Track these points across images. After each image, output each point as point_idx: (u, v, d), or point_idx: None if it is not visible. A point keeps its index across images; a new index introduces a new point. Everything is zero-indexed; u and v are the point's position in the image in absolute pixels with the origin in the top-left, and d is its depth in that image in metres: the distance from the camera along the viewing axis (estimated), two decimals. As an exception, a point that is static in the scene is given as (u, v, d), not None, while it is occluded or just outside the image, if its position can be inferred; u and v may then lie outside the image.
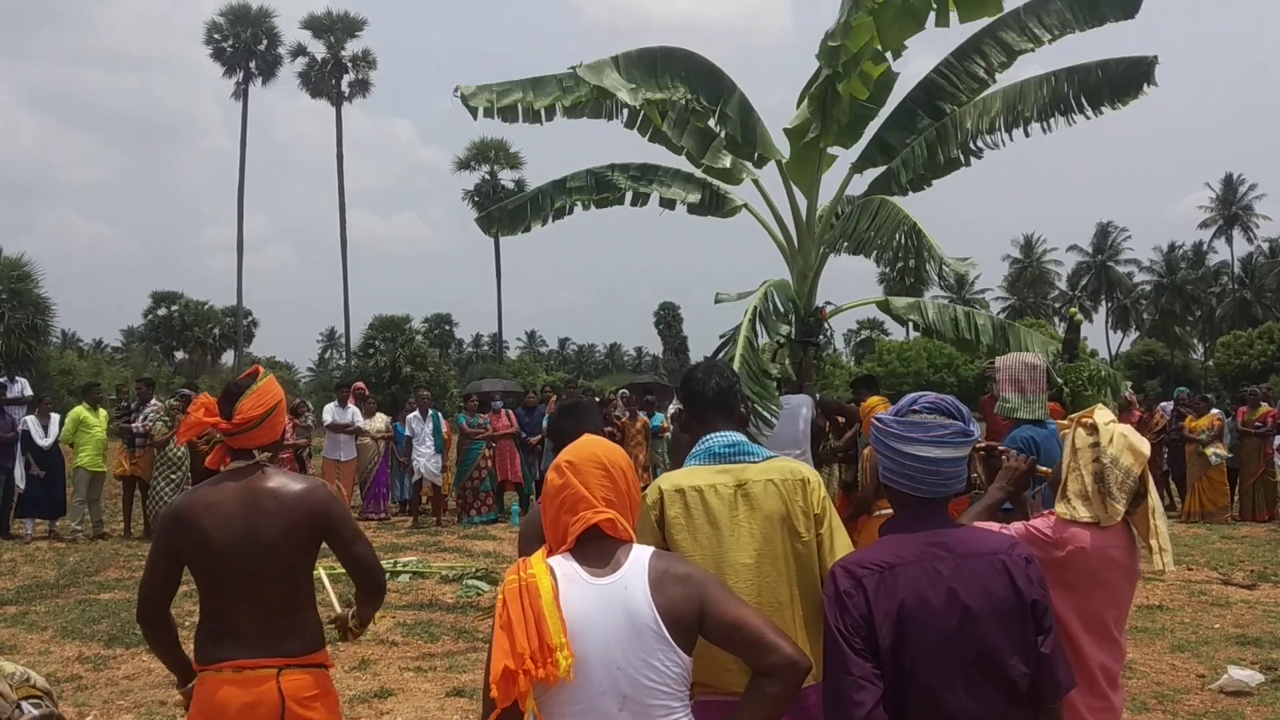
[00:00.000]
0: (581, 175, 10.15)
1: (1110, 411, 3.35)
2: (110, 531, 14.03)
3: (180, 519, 3.22)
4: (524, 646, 2.28)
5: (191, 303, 64.73)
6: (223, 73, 58.24)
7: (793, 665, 2.34)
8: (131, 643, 7.89)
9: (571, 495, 2.49)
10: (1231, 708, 6.32)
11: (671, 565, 2.48)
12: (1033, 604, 2.55)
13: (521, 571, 2.41)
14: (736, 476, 3.14)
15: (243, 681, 3.13)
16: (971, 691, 2.47)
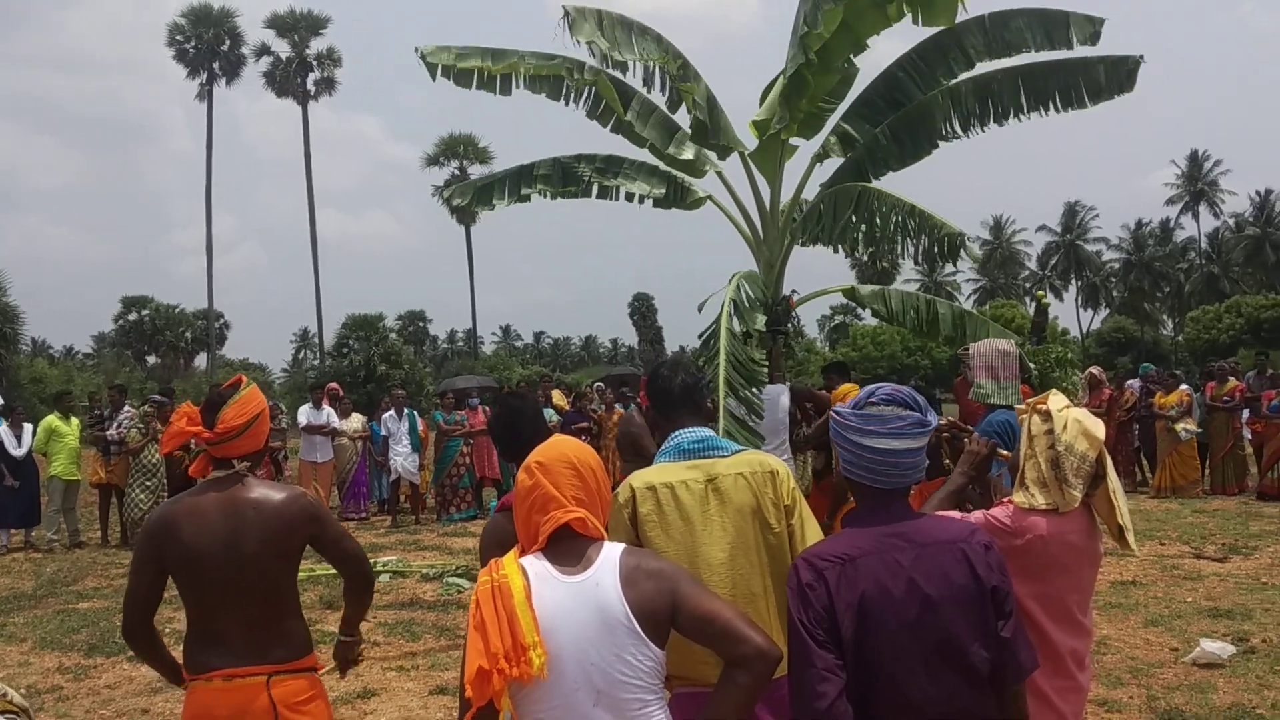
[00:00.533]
0: (548, 163, 10.11)
1: (1064, 398, 3.39)
2: (87, 540, 13.96)
3: (163, 530, 3.24)
4: (497, 646, 2.31)
5: (162, 306, 64.21)
6: (186, 74, 57.92)
7: (763, 655, 2.38)
8: (112, 651, 7.87)
9: (542, 495, 2.52)
10: (1204, 679, 6.42)
11: (643, 561, 2.52)
12: (993, 590, 2.58)
13: (494, 572, 2.44)
14: (706, 471, 3.18)
15: (233, 690, 3.16)
16: (934, 679, 2.50)
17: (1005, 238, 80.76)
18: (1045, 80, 9.13)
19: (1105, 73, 9.02)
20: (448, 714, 6.19)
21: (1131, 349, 55.69)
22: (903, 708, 2.50)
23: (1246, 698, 6.04)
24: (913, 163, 9.43)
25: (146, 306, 64.00)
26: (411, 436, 15.58)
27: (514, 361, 60.52)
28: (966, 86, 9.32)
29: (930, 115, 9.31)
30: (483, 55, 9.53)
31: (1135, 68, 9.01)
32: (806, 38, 8.30)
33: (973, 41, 9.21)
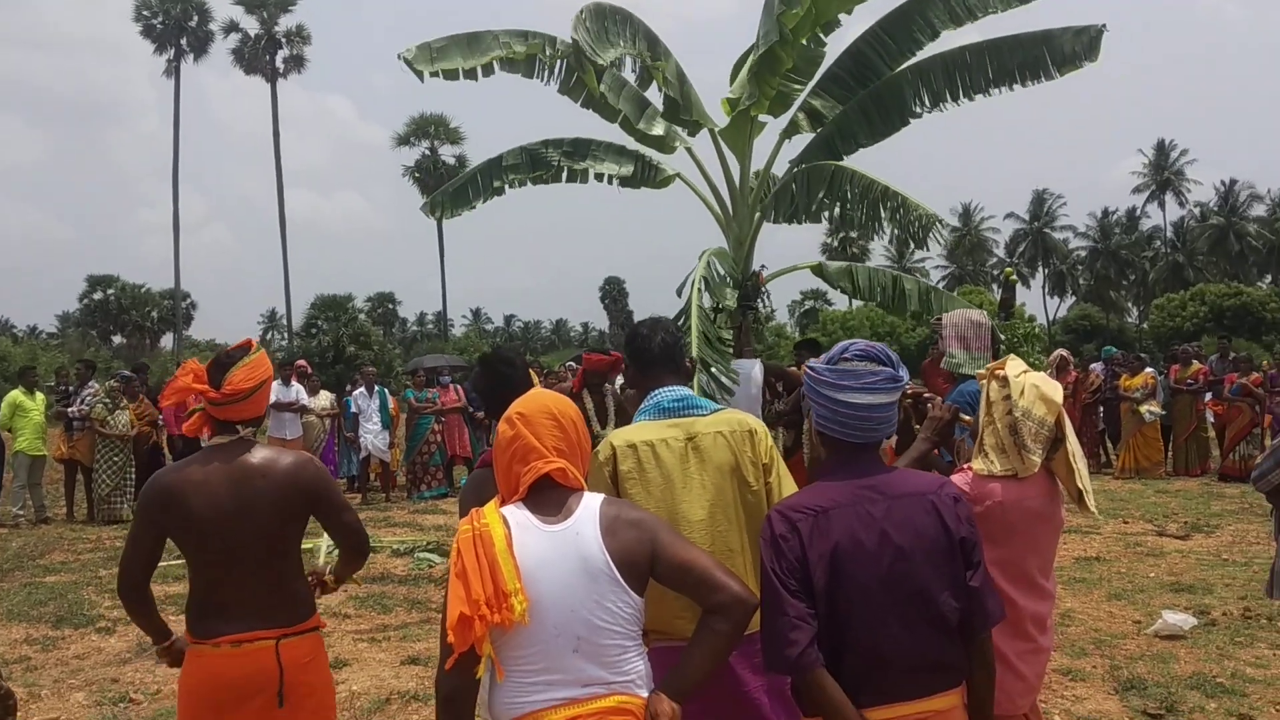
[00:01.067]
0: (516, 153, 10.15)
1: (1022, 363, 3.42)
2: (53, 516, 13.84)
3: (167, 497, 3.20)
4: (479, 593, 2.33)
5: (128, 286, 63.55)
6: (153, 50, 57.27)
7: (740, 602, 2.42)
8: (80, 623, 7.84)
9: (523, 446, 2.54)
10: (1166, 650, 6.54)
11: (622, 511, 2.55)
12: (961, 541, 2.63)
13: (475, 521, 2.46)
14: (686, 430, 3.21)
15: (241, 655, 3.16)
16: (905, 628, 2.55)
17: (974, 225, 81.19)
18: (1011, 54, 9.21)
19: (1068, 43, 9.12)
20: (419, 683, 6.21)
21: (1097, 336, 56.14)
22: (874, 657, 2.55)
23: (1207, 667, 6.16)
24: (882, 139, 9.48)
25: (112, 286, 63.34)
26: (382, 414, 15.54)
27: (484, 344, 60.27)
28: (934, 63, 9.39)
29: (899, 91, 9.37)
30: (460, 47, 9.50)
31: (1098, 36, 9.11)
32: (783, 16, 8.32)
33: (936, 12, 9.26)
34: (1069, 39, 9.11)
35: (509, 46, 9.34)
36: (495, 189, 10.10)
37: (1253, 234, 68.57)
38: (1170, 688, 5.79)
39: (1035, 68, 9.16)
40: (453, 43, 9.53)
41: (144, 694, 6.15)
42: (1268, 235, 68.25)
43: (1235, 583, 8.33)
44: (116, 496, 13.40)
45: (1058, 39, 9.13)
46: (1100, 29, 9.13)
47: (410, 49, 9.48)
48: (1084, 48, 9.09)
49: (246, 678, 3.15)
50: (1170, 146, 75.74)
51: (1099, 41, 9.09)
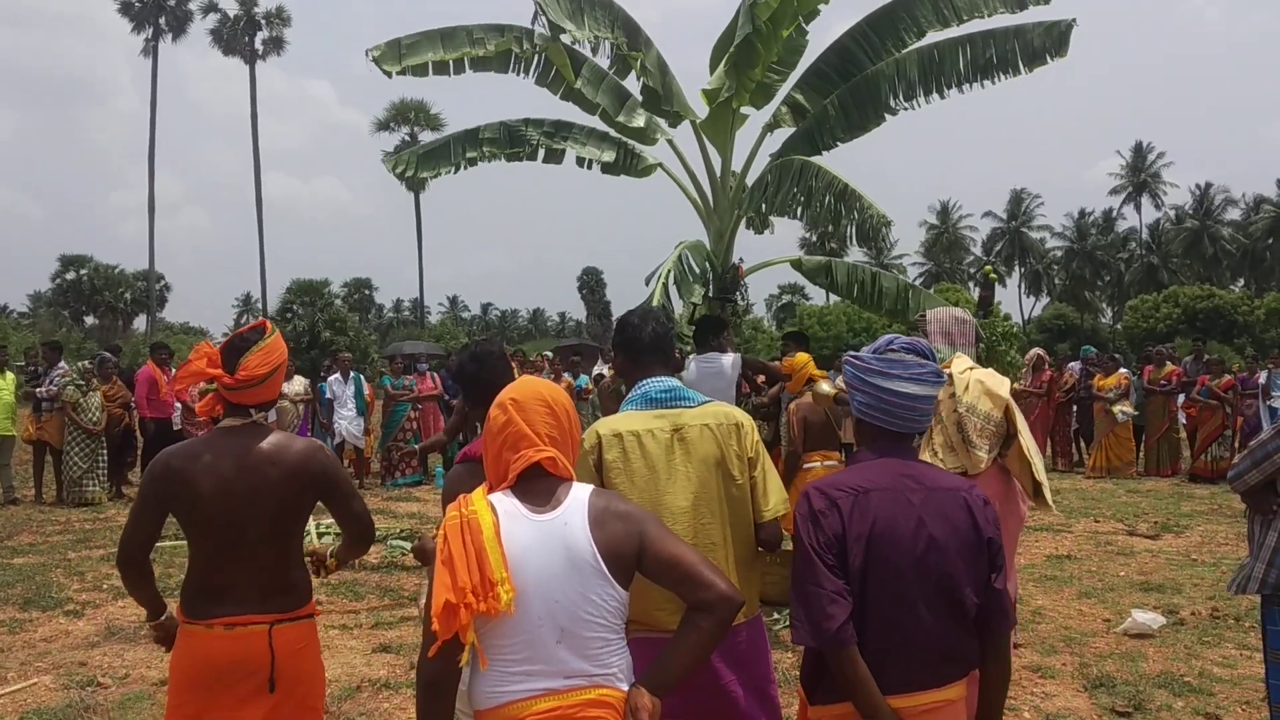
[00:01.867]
0: (494, 127, 10.03)
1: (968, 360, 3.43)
2: (21, 497, 13.69)
3: (176, 478, 3.18)
4: (465, 581, 2.31)
5: (101, 266, 63.01)
6: (131, 29, 56.68)
7: (726, 600, 2.41)
8: (48, 606, 7.76)
9: (514, 433, 2.53)
10: (1135, 648, 6.59)
11: (611, 502, 2.53)
12: (988, 541, 2.68)
13: (463, 508, 2.44)
14: (673, 421, 3.21)
15: (234, 638, 3.14)
16: (930, 615, 2.60)
17: (952, 223, 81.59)
18: (984, 48, 9.28)
19: (1039, 37, 9.19)
20: (390, 671, 6.19)
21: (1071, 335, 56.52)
22: (898, 640, 2.58)
23: (1175, 666, 6.21)
24: (860, 134, 9.51)
25: (85, 266, 62.81)
26: (357, 400, 15.46)
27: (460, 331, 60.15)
28: (911, 58, 9.44)
29: (876, 87, 9.40)
30: (431, 43, 9.42)
31: (1068, 31, 9.20)
32: (755, 7, 8.32)
33: (922, 10, 9.29)
34: (1039, 34, 9.19)
35: (483, 43, 9.26)
36: (469, 159, 9.99)
37: (1226, 237, 69.19)
38: (1139, 686, 5.83)
39: (1005, 63, 9.22)
40: (424, 39, 9.45)
41: (112, 678, 6.10)
42: (1241, 239, 68.90)
43: (1204, 583, 8.40)
44: (88, 479, 13.26)
45: (1029, 34, 9.21)
46: (1070, 24, 9.21)
47: (379, 47, 9.41)
48: (1054, 43, 9.17)
49: (238, 661, 3.13)
50: (1148, 149, 76.36)
51: (1068, 36, 9.18)
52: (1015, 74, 9.28)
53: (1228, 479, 4.41)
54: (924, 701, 2.60)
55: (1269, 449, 4.08)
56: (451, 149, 10.12)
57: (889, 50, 9.54)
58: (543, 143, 9.93)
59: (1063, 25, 9.22)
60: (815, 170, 8.52)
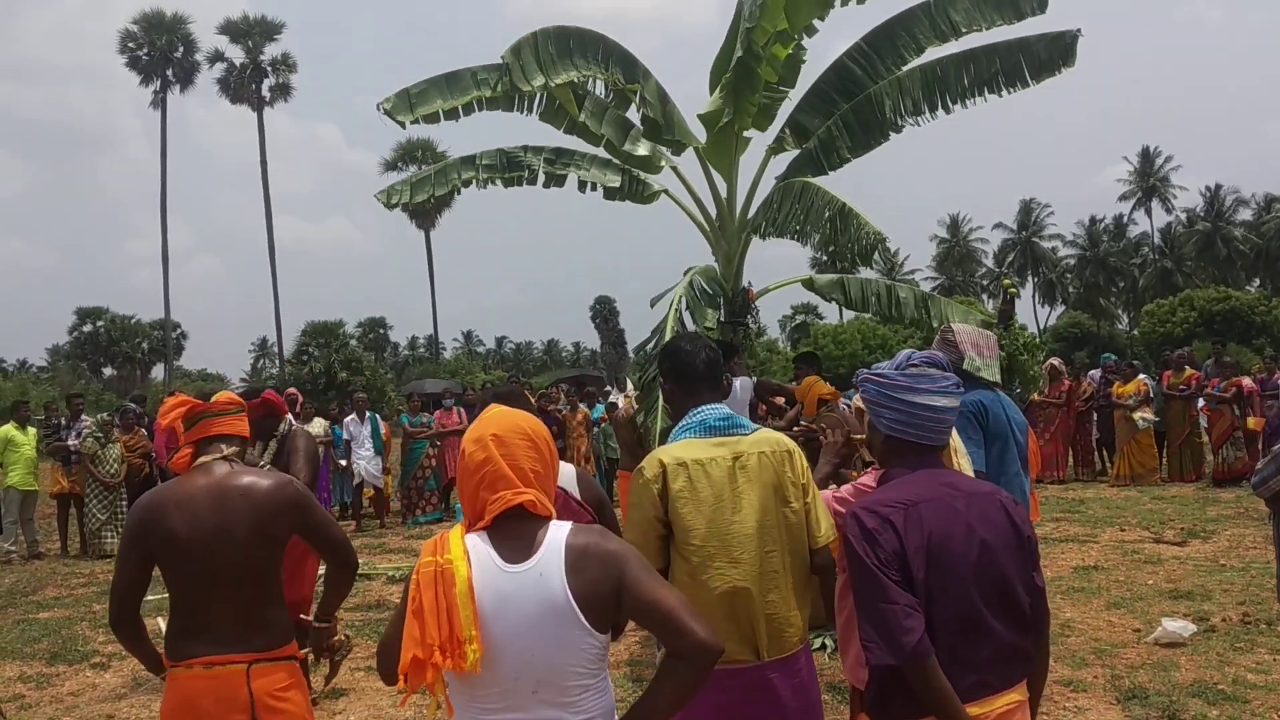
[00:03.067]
0: (492, 153, 10.05)
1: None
2: (45, 551, 13.74)
3: (149, 517, 3.23)
4: (434, 636, 2.26)
5: (118, 317, 63.41)
6: (139, 81, 57.23)
7: (705, 649, 2.32)
8: (74, 660, 7.77)
9: (493, 472, 2.45)
10: (1166, 658, 6.52)
11: (591, 542, 2.44)
12: (1028, 539, 2.75)
13: (439, 555, 2.37)
14: (732, 449, 3.21)
15: (214, 677, 3.15)
16: (995, 618, 2.62)
17: (962, 236, 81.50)
18: (988, 62, 9.26)
19: (1044, 49, 9.18)
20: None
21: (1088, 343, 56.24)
22: (968, 645, 2.58)
23: (1208, 674, 6.14)
24: (865, 152, 9.51)
25: (101, 318, 63.23)
26: (374, 440, 15.47)
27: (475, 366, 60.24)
28: (913, 75, 9.44)
29: (880, 105, 9.40)
30: (439, 89, 9.49)
31: (1073, 42, 9.17)
32: (752, 31, 8.35)
33: (920, 27, 9.31)
34: (1044, 46, 9.18)
35: (487, 83, 9.32)
36: (464, 181, 9.97)
37: (1239, 238, 68.88)
38: (1172, 696, 5.77)
39: (1012, 76, 9.21)
40: (431, 86, 9.52)
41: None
42: (1254, 239, 68.57)
43: (1234, 588, 8.32)
44: (107, 530, 13.31)
45: (1033, 46, 9.19)
46: (1075, 34, 9.19)
47: (389, 99, 9.48)
48: (1060, 54, 9.15)
49: (217, 701, 3.14)
50: (1155, 153, 76.17)
51: (1074, 47, 9.16)
52: (1023, 86, 9.26)
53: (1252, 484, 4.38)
54: (999, 706, 2.61)
55: None
56: (446, 174, 10.12)
57: (889, 68, 9.56)
58: (543, 168, 9.94)
59: (1068, 37, 9.20)
60: (815, 191, 8.52)
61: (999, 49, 9.30)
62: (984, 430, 4.55)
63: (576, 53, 9.08)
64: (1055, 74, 9.20)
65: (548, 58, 8.91)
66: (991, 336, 4.99)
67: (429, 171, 10.40)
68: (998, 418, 4.59)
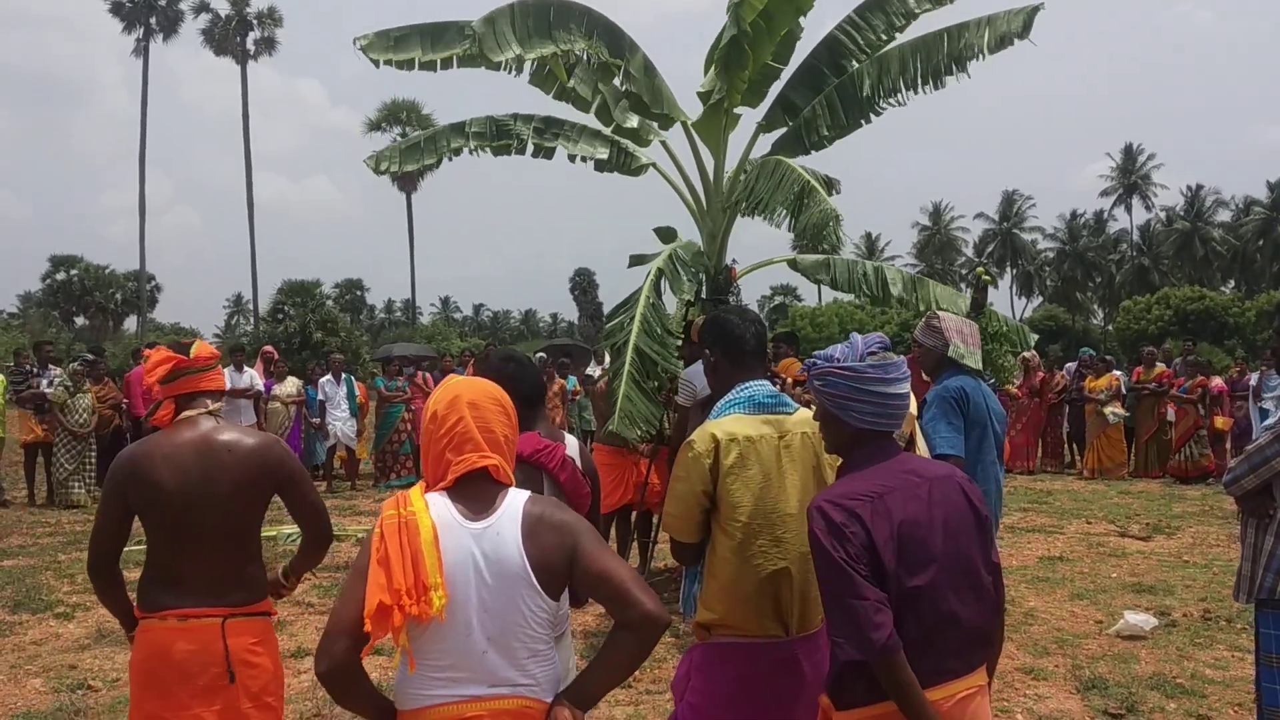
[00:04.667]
0: (481, 120, 9.89)
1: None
2: (11, 499, 13.62)
3: (133, 468, 3.22)
4: (400, 583, 2.30)
5: (92, 267, 62.80)
6: (122, 29, 56.45)
7: (652, 621, 2.38)
8: (38, 608, 7.73)
9: (461, 435, 2.49)
10: (1127, 650, 6.60)
11: (546, 511, 2.50)
12: (985, 519, 2.77)
13: (401, 507, 2.42)
14: (778, 427, 3.22)
15: (188, 630, 3.15)
16: (961, 602, 2.64)
17: (944, 224, 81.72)
18: (958, 37, 9.23)
19: (1005, 23, 9.17)
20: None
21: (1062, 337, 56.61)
22: (935, 632, 2.59)
23: (1167, 668, 6.23)
24: (846, 133, 9.49)
25: (75, 266, 62.60)
26: (350, 401, 15.43)
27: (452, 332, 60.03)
28: (892, 54, 9.42)
29: (859, 85, 9.37)
30: (421, 38, 9.32)
31: (1033, 14, 9.16)
32: (740, 8, 8.29)
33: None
34: (1006, 20, 9.18)
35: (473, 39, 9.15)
36: (454, 150, 9.84)
37: (1217, 239, 69.34)
38: (1131, 688, 5.84)
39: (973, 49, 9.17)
40: (414, 32, 9.33)
41: (103, 681, 6.08)
42: (1232, 241, 69.05)
43: (1195, 584, 8.42)
44: (74, 480, 13.22)
45: (999, 21, 9.21)
46: (1036, 7, 9.17)
47: (367, 36, 9.29)
48: (1019, 26, 9.14)
49: (191, 654, 3.14)
50: (1138, 150, 76.49)
51: (1033, 18, 9.14)
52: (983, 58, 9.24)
53: (1223, 483, 4.43)
54: (960, 690, 2.63)
55: (1267, 454, 4.09)
56: (435, 141, 9.99)
57: (879, 40, 9.51)
58: (531, 138, 9.82)
59: (1028, 10, 9.19)
60: (786, 169, 8.48)
61: (969, 25, 9.28)
62: (965, 417, 4.59)
63: (557, 25, 8.90)
64: (1012, 45, 9.19)
65: (524, 30, 8.74)
66: (975, 327, 5.04)
67: (418, 138, 10.25)
68: (978, 406, 4.63)
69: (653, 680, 5.93)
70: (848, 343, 2.87)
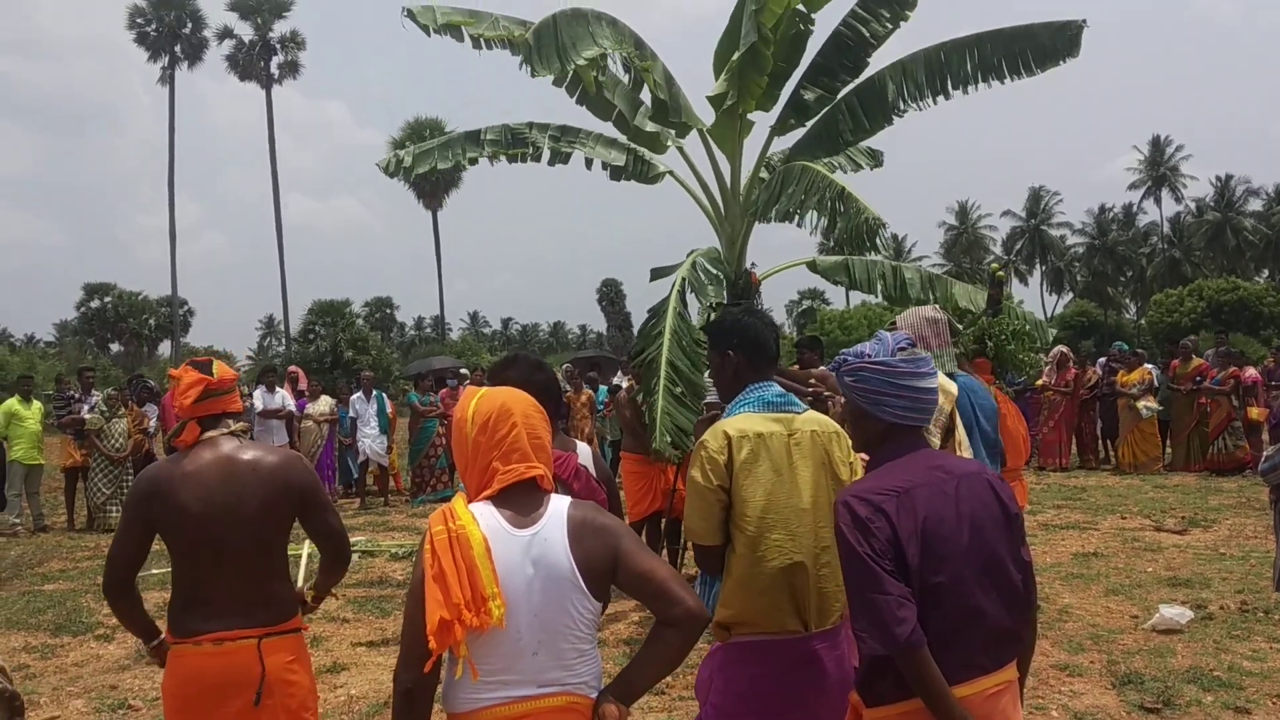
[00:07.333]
0: (497, 129, 9.96)
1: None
2: (51, 524, 13.82)
3: (156, 489, 3.24)
4: (459, 596, 2.35)
5: (125, 294, 63.52)
6: (148, 57, 57.23)
7: (695, 617, 2.45)
8: (78, 631, 7.84)
9: (511, 444, 2.54)
10: (1163, 644, 6.55)
11: (589, 515, 2.55)
12: (1015, 516, 2.76)
13: (449, 522, 2.46)
14: (787, 425, 3.28)
15: (223, 654, 3.17)
16: (987, 598, 2.63)
17: (970, 222, 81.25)
18: (993, 49, 9.20)
19: (1050, 39, 9.12)
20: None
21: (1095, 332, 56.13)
22: (961, 628, 2.60)
23: (1204, 661, 6.17)
24: (868, 136, 9.50)
25: (109, 293, 63.32)
26: (380, 418, 15.54)
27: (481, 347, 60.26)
28: (916, 59, 9.41)
29: (883, 88, 9.37)
30: (463, 15, 9.47)
31: (1079, 33, 9.12)
32: (760, 13, 8.31)
33: None
34: (1050, 35, 9.13)
35: (509, 30, 9.27)
36: (470, 159, 9.92)
37: (1249, 229, 68.57)
38: (1167, 681, 5.79)
39: (1016, 63, 9.16)
40: (455, 11, 9.48)
41: (143, 700, 6.16)
42: (1264, 230, 68.25)
43: (1232, 577, 8.34)
44: (112, 504, 13.38)
45: (1039, 35, 9.14)
46: (1081, 25, 9.14)
47: (414, 5, 9.38)
48: (1065, 44, 9.10)
49: (228, 677, 3.16)
50: (1165, 142, 75.79)
51: (1079, 38, 9.11)
52: (1028, 74, 9.22)
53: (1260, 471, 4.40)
54: (989, 686, 2.63)
55: None
56: (450, 147, 10.07)
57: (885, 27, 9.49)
58: (548, 145, 9.87)
59: (1073, 27, 9.13)
60: (815, 174, 8.49)
61: (1004, 35, 9.24)
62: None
63: (597, 32, 9.05)
64: (1059, 64, 9.16)
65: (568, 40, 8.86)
66: (941, 321, 4.92)
67: (433, 144, 10.32)
68: (963, 405, 4.59)
69: (685, 687, 5.94)
70: (876, 339, 2.90)
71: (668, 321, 8.16)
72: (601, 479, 3.83)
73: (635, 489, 8.79)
